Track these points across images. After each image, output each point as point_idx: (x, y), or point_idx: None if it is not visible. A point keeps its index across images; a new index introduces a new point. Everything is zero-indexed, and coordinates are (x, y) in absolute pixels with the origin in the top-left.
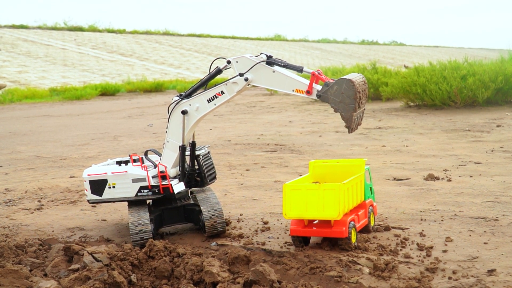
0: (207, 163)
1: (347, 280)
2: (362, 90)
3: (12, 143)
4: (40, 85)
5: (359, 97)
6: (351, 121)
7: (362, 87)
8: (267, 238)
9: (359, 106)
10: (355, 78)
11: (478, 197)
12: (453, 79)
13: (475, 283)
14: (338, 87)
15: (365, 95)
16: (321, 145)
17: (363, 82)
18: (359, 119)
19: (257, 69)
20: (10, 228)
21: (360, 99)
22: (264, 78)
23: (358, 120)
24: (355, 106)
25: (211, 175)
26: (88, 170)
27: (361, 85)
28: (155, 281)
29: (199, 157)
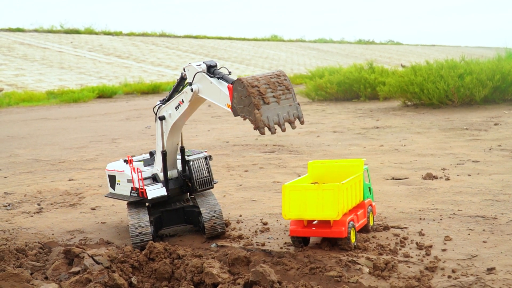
0: (200, 169)
1: (347, 280)
2: (264, 83)
3: (10, 147)
4: (37, 88)
5: (257, 92)
6: (258, 121)
7: (264, 80)
8: (267, 239)
9: (265, 102)
10: (248, 76)
11: (477, 195)
12: (450, 77)
13: (475, 282)
14: (236, 93)
15: (277, 88)
16: (319, 145)
17: (272, 75)
18: (282, 118)
19: (200, 80)
20: (10, 231)
21: (261, 94)
22: (205, 89)
23: (279, 119)
24: (256, 104)
25: (203, 182)
26: (109, 164)
27: (262, 80)
28: (156, 283)
29: (189, 163)
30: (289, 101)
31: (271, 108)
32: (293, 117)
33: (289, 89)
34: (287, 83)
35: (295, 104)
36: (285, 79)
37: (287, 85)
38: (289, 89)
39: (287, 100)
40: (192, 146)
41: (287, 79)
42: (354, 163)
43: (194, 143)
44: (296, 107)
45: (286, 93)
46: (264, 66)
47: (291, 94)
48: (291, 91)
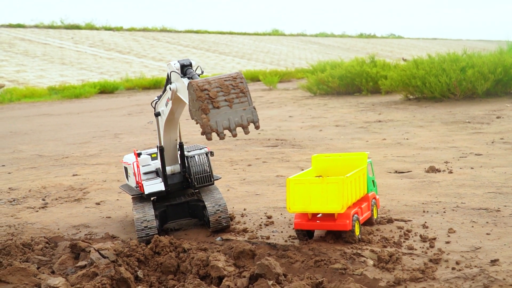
0: (199, 165)
1: (352, 272)
2: (216, 86)
3: (14, 143)
4: (39, 84)
5: (206, 96)
6: (204, 126)
7: (217, 83)
8: (271, 232)
9: (214, 107)
10: (201, 79)
11: (480, 188)
12: (452, 71)
13: (479, 273)
14: (190, 96)
15: (230, 91)
16: (322, 139)
17: (228, 78)
18: (233, 122)
19: (176, 79)
20: (16, 226)
21: (210, 98)
22: (180, 88)
23: (230, 123)
24: (204, 108)
25: (202, 178)
26: (125, 156)
27: (214, 83)
28: (162, 276)
29: (189, 159)
30: (243, 105)
31: (221, 113)
32: (246, 122)
33: (244, 92)
34: (243, 86)
35: (250, 108)
36: (241, 82)
37: (243, 88)
38: (244, 92)
39: (241, 103)
40: (195, 141)
41: (243, 82)
42: (358, 156)
43: (196, 138)
44: (251, 111)
45: (240, 97)
46: (265, 61)
47: (246, 98)
48: (246, 94)
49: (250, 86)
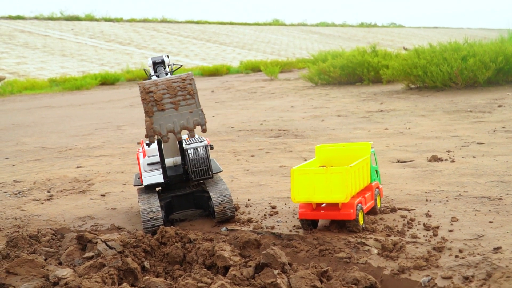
0: (197, 158)
1: (356, 261)
2: (163, 88)
3: (16, 135)
4: (39, 76)
5: (151, 98)
6: (147, 129)
7: (164, 85)
8: (276, 222)
9: (158, 109)
10: (150, 80)
11: (482, 177)
12: (454, 60)
13: (482, 261)
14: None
15: (177, 93)
16: (324, 129)
17: (176, 79)
18: (178, 125)
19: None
20: (22, 218)
21: (155, 101)
22: None
23: (175, 126)
24: (147, 111)
25: (199, 172)
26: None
27: (161, 84)
28: (168, 266)
29: (186, 152)
30: (190, 107)
31: (166, 115)
32: (192, 125)
33: (192, 94)
34: (191, 88)
35: (197, 110)
36: (189, 84)
37: (190, 90)
38: (192, 94)
39: (187, 106)
40: (197, 132)
41: (192, 84)
42: (361, 146)
43: (198, 129)
44: (198, 114)
45: (187, 99)
46: (266, 51)
47: (194, 100)
48: (193, 96)
49: (251, 76)
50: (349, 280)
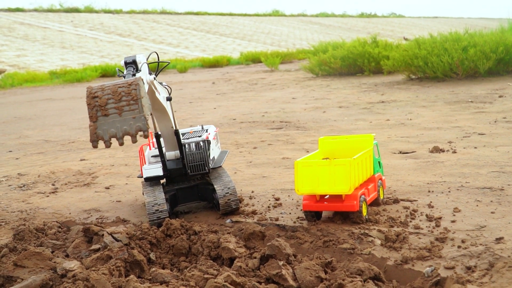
0: (194, 153)
1: (360, 252)
2: (108, 93)
3: (19, 128)
4: (40, 69)
5: (95, 103)
6: (90, 134)
7: (110, 90)
8: (280, 214)
9: (102, 114)
10: (98, 84)
11: (483, 167)
12: (454, 50)
13: (484, 251)
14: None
15: (121, 99)
16: (326, 120)
17: (123, 84)
18: (120, 131)
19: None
20: (28, 211)
21: (99, 106)
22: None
23: (117, 132)
24: (91, 116)
25: (195, 167)
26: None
27: (107, 89)
28: (174, 258)
29: (184, 146)
30: (134, 113)
31: (109, 121)
32: (134, 131)
33: (136, 100)
34: (135, 93)
35: (140, 116)
36: (135, 89)
37: (135, 95)
38: (136, 100)
39: (130, 111)
40: (200, 124)
41: (137, 89)
42: (364, 138)
43: (201, 121)
44: (141, 120)
45: (131, 104)
46: (266, 42)
47: (137, 105)
48: (137, 102)
49: (252, 67)
50: (353, 270)
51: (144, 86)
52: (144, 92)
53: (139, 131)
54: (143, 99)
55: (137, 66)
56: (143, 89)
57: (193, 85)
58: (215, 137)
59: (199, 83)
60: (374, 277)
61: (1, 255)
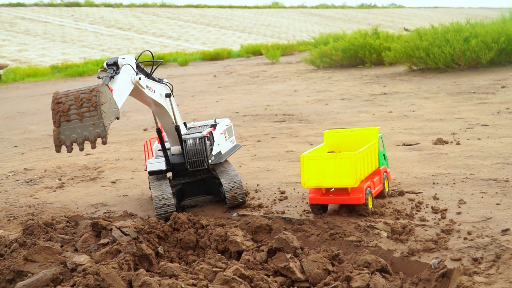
0: (193, 149)
1: (367, 244)
2: (71, 99)
3: (23, 123)
4: (41, 63)
5: (59, 109)
6: (54, 139)
7: (73, 96)
8: (286, 207)
9: (65, 120)
10: (64, 90)
11: (488, 159)
12: (456, 41)
13: (490, 243)
14: None
15: (82, 105)
16: (328, 113)
17: (85, 90)
18: (81, 137)
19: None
20: (36, 206)
21: (62, 112)
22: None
23: (78, 137)
24: (54, 121)
25: (195, 162)
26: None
27: (71, 95)
28: (181, 252)
29: (184, 142)
30: (93, 119)
31: (71, 126)
32: (93, 137)
33: (95, 106)
34: (95, 100)
35: (99, 123)
36: (95, 95)
37: (94, 102)
38: (95, 106)
39: (90, 118)
40: (202, 118)
41: (97, 95)
42: (369, 131)
43: (204, 115)
44: (100, 126)
45: (91, 111)
46: (266, 34)
47: (96, 112)
48: (97, 109)
49: (252, 60)
50: (360, 263)
51: (107, 92)
52: (108, 98)
53: (98, 137)
54: (103, 105)
55: (118, 67)
56: (105, 95)
57: (195, 78)
58: (224, 132)
59: (200, 76)
60: (381, 269)
61: (11, 250)
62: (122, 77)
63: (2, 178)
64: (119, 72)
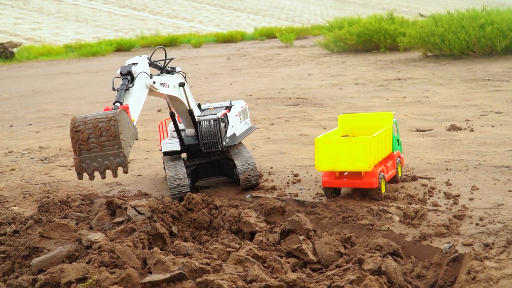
0: (207, 130)
1: (379, 228)
2: (90, 128)
3: (37, 102)
4: (55, 42)
5: (78, 138)
6: (75, 167)
7: (91, 124)
8: (299, 190)
9: (85, 149)
10: (82, 116)
11: (501, 146)
12: (472, 28)
13: (502, 229)
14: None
15: (101, 134)
16: (342, 97)
17: (103, 119)
18: (102, 165)
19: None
20: (51, 184)
21: (81, 141)
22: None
23: (99, 166)
24: (75, 149)
25: (209, 144)
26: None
27: (89, 123)
28: (195, 232)
29: (198, 124)
30: (113, 149)
31: (91, 155)
32: (115, 166)
33: (115, 136)
34: (114, 130)
35: (119, 152)
36: (113, 125)
37: (113, 132)
38: (115, 136)
39: (110, 147)
40: (216, 100)
41: (116, 125)
42: (383, 116)
43: (217, 97)
44: (120, 156)
45: (110, 140)
46: (280, 17)
47: (116, 141)
48: (116, 139)
49: (266, 43)
50: (373, 246)
51: (124, 119)
52: (126, 123)
53: (119, 166)
54: (122, 134)
55: (133, 77)
56: (123, 122)
57: (208, 60)
58: (239, 114)
59: (214, 58)
60: (393, 253)
61: (26, 227)
62: (137, 87)
63: (17, 156)
64: (134, 83)
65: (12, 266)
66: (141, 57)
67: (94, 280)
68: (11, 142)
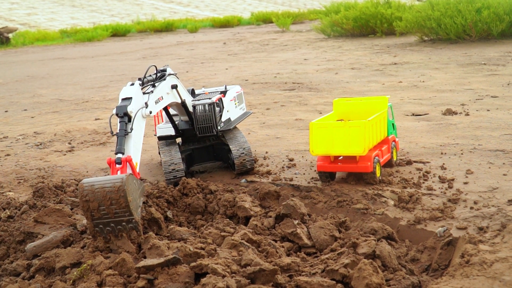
0: (202, 115)
1: (373, 212)
2: (99, 198)
3: (32, 87)
4: (50, 27)
5: (87, 207)
6: (90, 231)
7: (100, 194)
8: (294, 174)
9: (96, 216)
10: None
11: (496, 130)
12: (468, 12)
13: (496, 212)
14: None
15: (110, 204)
16: (338, 82)
17: (112, 189)
18: (116, 229)
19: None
20: (46, 169)
21: (91, 209)
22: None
23: (113, 230)
24: (87, 216)
25: (204, 128)
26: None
27: (98, 192)
28: (190, 216)
29: (194, 108)
30: (124, 216)
31: (104, 221)
32: (128, 230)
33: (125, 207)
34: (123, 201)
35: (130, 219)
36: (122, 195)
37: (122, 202)
38: (125, 207)
39: (122, 215)
40: (212, 85)
41: (124, 195)
42: (379, 100)
43: (213, 82)
44: (133, 222)
45: (121, 209)
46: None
47: (126, 209)
48: (127, 209)
49: (263, 28)
50: (367, 230)
51: (131, 184)
52: (134, 186)
53: (133, 229)
54: (131, 202)
55: (130, 117)
56: (130, 188)
57: (204, 45)
58: (234, 98)
59: (210, 43)
60: (387, 237)
61: (21, 212)
62: (136, 128)
63: (12, 141)
64: (132, 127)
65: (6, 251)
66: (134, 85)
67: (88, 265)
68: (6, 127)
